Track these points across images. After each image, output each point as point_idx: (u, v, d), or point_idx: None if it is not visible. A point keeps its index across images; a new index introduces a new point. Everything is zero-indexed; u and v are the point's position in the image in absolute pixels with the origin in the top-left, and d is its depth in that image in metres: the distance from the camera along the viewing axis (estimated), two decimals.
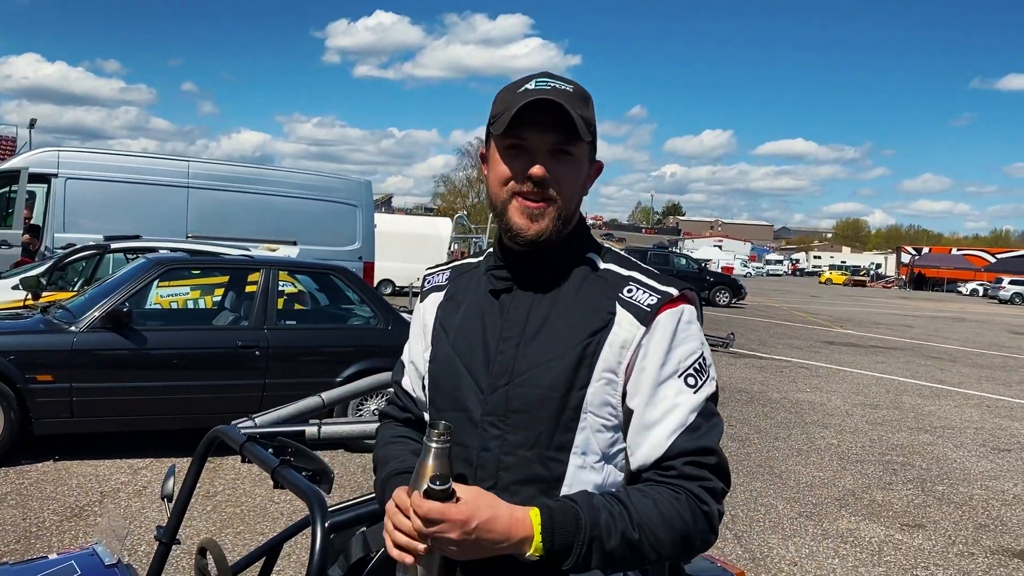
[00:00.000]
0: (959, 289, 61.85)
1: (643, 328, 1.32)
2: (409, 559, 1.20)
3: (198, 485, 2.32)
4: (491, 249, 1.52)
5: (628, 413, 1.33)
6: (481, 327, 1.41)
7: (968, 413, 9.87)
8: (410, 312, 7.95)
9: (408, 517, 1.17)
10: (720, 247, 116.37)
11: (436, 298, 1.53)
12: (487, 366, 1.37)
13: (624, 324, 1.33)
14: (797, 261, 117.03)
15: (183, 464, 2.30)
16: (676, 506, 1.25)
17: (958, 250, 78.96)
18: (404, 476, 1.34)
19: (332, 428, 2.18)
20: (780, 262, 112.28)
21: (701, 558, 2.35)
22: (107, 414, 5.84)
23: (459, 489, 1.16)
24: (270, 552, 2.29)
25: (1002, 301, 48.78)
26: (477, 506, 1.16)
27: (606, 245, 1.53)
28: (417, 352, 1.54)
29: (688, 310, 1.36)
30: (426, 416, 1.52)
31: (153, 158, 12.70)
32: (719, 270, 47.84)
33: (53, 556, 2.28)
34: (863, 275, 79.07)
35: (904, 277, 72.38)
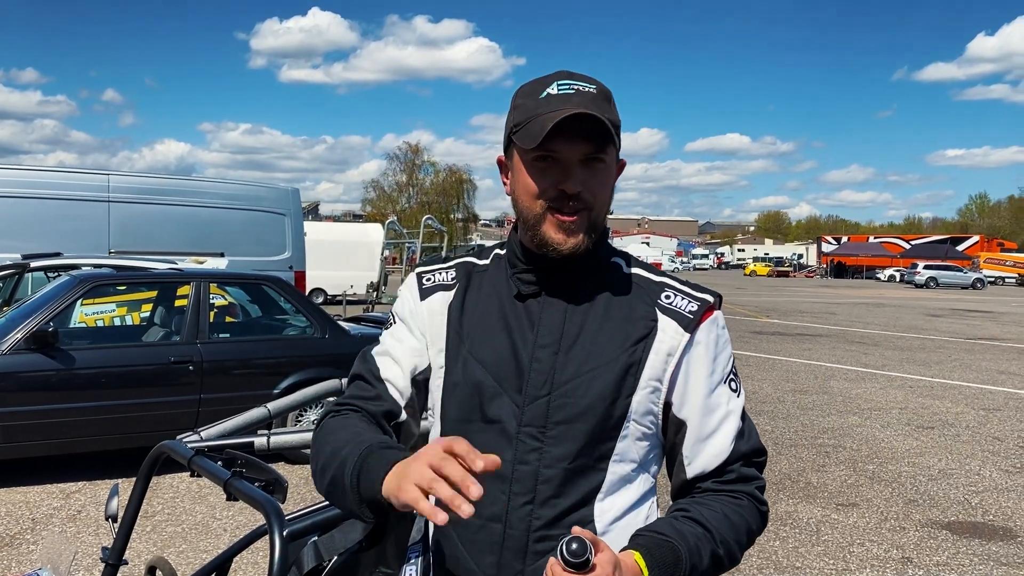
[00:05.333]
0: (877, 276, 64.01)
1: (687, 335, 1.31)
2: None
3: None
4: (497, 251, 1.45)
5: (677, 423, 1.33)
6: (507, 334, 1.32)
7: (892, 394, 10.24)
8: (346, 320, 7.87)
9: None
10: (648, 244, 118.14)
11: (444, 298, 1.40)
12: (519, 376, 1.28)
13: (669, 331, 1.31)
14: (722, 255, 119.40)
15: (125, 484, 2.25)
16: (743, 513, 1.31)
17: (875, 238, 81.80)
18: (389, 452, 1.14)
19: (282, 438, 2.15)
20: (706, 256, 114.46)
21: None
22: (35, 438, 5.64)
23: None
24: (220, 567, 2.25)
25: (918, 285, 50.54)
26: (614, 564, 1.06)
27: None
28: (411, 348, 1.39)
29: (721, 316, 1.39)
30: (403, 414, 1.37)
31: (71, 172, 12.26)
32: None
33: None
34: (787, 266, 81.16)
35: (825, 266, 74.59)
